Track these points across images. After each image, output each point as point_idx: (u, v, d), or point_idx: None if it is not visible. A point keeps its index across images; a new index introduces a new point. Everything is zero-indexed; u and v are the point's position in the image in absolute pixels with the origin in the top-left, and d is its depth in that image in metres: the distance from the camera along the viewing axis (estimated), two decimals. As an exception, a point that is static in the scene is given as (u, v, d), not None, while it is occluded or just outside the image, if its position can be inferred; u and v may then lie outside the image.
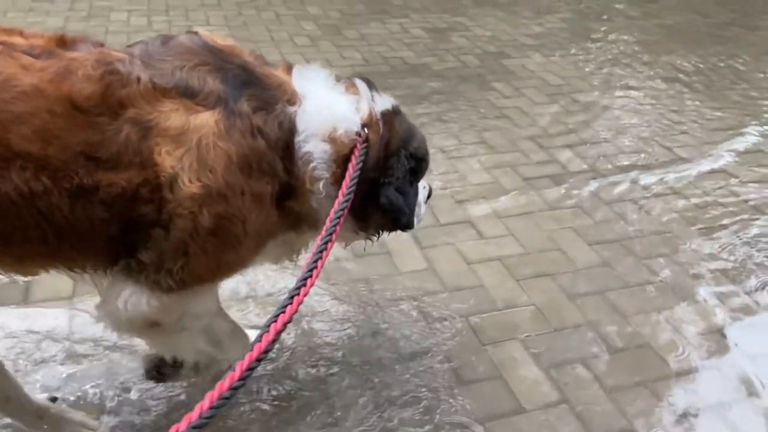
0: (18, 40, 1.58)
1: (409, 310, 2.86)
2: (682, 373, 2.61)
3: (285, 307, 1.36)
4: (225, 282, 2.03)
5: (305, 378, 2.48)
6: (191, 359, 2.08)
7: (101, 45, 1.72)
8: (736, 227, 3.58)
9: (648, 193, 3.87)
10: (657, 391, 2.52)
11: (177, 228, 1.62)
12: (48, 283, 2.70)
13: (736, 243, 3.44)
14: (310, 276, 1.47)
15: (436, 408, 2.39)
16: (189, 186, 1.58)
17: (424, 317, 2.82)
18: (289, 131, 1.75)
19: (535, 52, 6.13)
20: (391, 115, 2.05)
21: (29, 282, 2.76)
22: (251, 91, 1.71)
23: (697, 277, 3.17)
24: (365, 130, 1.90)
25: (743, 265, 3.27)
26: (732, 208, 3.76)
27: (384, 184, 1.99)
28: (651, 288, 3.09)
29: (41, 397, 2.17)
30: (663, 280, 3.14)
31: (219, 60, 1.73)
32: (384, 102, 2.06)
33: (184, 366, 2.17)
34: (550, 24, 7.00)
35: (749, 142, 4.57)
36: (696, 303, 3.00)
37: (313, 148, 1.79)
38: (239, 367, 1.21)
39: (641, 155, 4.32)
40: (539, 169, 4.08)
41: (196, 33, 1.81)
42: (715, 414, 2.45)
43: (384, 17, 6.84)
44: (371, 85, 2.05)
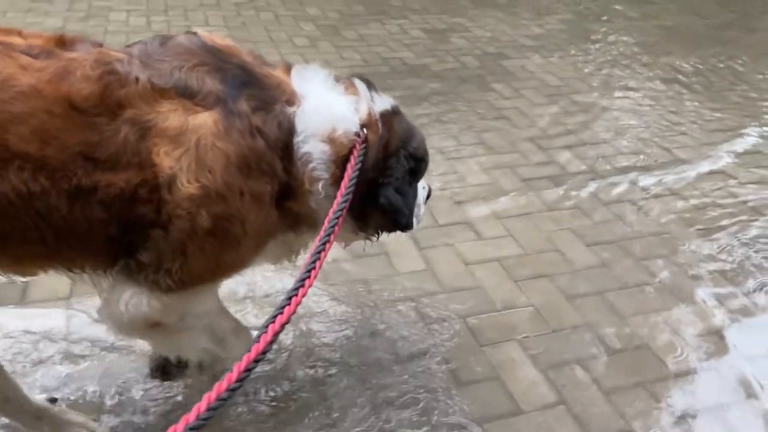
0: (17, 40, 1.58)
1: (408, 311, 2.85)
2: (680, 375, 2.61)
3: (283, 308, 1.35)
4: (223, 283, 2.03)
5: (303, 379, 2.48)
6: (195, 358, 2.09)
7: (100, 45, 1.72)
8: (734, 228, 3.58)
9: (647, 194, 3.87)
10: (655, 393, 2.52)
11: (176, 228, 1.62)
12: (45, 284, 2.70)
13: (734, 244, 3.44)
14: (308, 277, 1.46)
15: (433, 409, 2.39)
16: (187, 186, 1.58)
17: (422, 318, 2.82)
18: (288, 131, 1.75)
19: (535, 53, 6.13)
20: (391, 116, 2.05)
21: (27, 282, 2.76)
22: (250, 91, 1.71)
23: (696, 279, 3.17)
24: (364, 130, 1.90)
25: (742, 267, 3.28)
26: (731, 209, 3.76)
27: (383, 184, 1.99)
28: (649, 289, 3.09)
29: (40, 398, 2.17)
30: (661, 281, 3.14)
31: (218, 60, 1.72)
32: (383, 102, 2.05)
33: (188, 365, 2.17)
34: (549, 25, 7.00)
35: (748, 143, 4.57)
36: (694, 304, 3.00)
37: (312, 148, 1.78)
38: (237, 369, 1.21)
39: (640, 156, 4.32)
40: (538, 170, 4.08)
41: (194, 33, 1.81)
42: (714, 415, 2.45)
43: (383, 18, 6.84)
44: (370, 86, 2.05)
